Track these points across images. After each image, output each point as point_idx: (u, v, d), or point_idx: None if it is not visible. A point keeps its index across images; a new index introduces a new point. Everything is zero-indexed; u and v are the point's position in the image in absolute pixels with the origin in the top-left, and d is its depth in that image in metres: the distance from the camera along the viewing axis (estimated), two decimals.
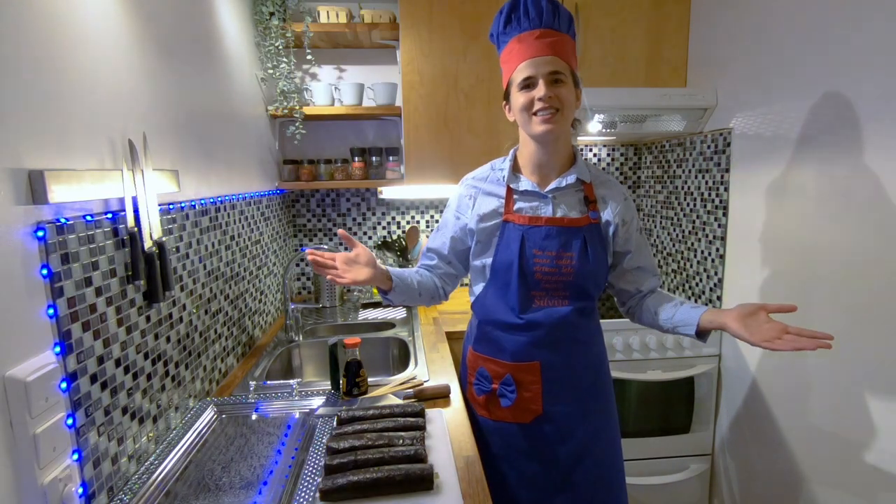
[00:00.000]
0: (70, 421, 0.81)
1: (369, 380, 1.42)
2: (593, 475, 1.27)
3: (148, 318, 1.07)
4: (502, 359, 1.26)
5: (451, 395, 1.35)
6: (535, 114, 1.14)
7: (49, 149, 0.80)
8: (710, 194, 1.99)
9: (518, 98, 1.15)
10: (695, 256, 2.11)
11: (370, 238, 2.51)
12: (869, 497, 1.38)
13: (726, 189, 1.89)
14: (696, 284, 2.10)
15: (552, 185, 1.22)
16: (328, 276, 1.15)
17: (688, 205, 2.14)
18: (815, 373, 1.53)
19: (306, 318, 2.10)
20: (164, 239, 1.07)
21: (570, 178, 1.22)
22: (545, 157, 1.22)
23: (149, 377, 1.06)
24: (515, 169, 1.27)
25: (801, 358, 1.57)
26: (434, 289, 1.33)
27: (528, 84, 1.14)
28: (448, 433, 1.15)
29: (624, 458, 1.43)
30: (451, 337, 1.86)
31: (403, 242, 2.33)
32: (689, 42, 2.10)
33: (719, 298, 1.95)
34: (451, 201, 1.33)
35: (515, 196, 1.24)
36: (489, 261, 1.25)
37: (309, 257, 1.15)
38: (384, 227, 2.51)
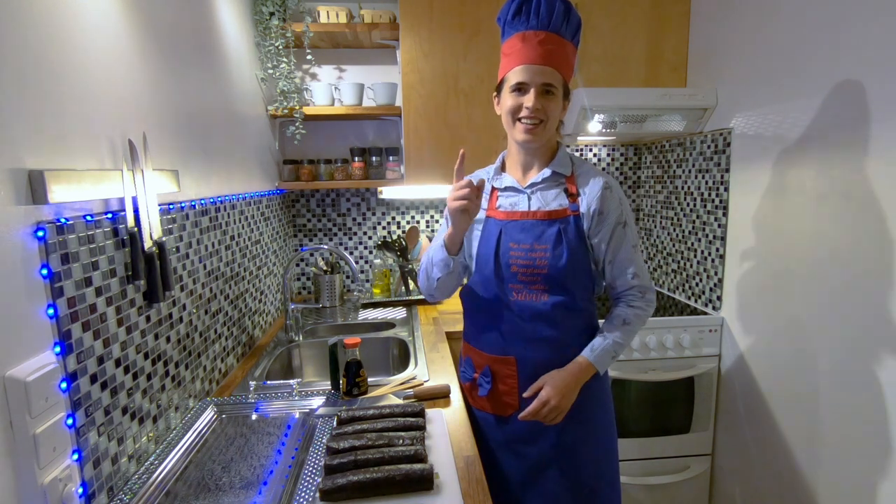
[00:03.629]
0: (70, 421, 0.81)
1: (369, 380, 1.42)
2: (570, 478, 1.25)
3: (148, 318, 1.07)
4: (482, 350, 1.29)
5: (451, 395, 1.35)
6: (519, 120, 1.17)
7: (49, 149, 0.80)
8: (710, 194, 1.99)
9: (507, 100, 1.18)
10: (695, 256, 2.11)
11: (370, 238, 2.51)
12: (868, 496, 1.38)
13: (726, 189, 1.89)
14: (696, 284, 2.10)
15: (530, 181, 1.25)
16: (463, 206, 1.11)
17: (688, 205, 2.14)
18: (814, 373, 1.53)
19: (306, 318, 2.10)
20: (164, 239, 1.07)
21: (546, 173, 1.24)
22: (527, 157, 1.26)
23: (149, 377, 1.06)
24: (503, 169, 1.32)
25: (801, 358, 1.57)
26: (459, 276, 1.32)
27: (519, 88, 1.16)
28: (448, 433, 1.15)
29: (624, 458, 1.43)
30: (451, 337, 1.86)
31: (403, 242, 2.33)
32: (689, 42, 2.10)
33: (719, 298, 1.95)
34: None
35: (498, 193, 1.29)
36: (473, 253, 1.29)
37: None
38: (384, 227, 2.51)
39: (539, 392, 1.19)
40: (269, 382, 1.48)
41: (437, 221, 2.53)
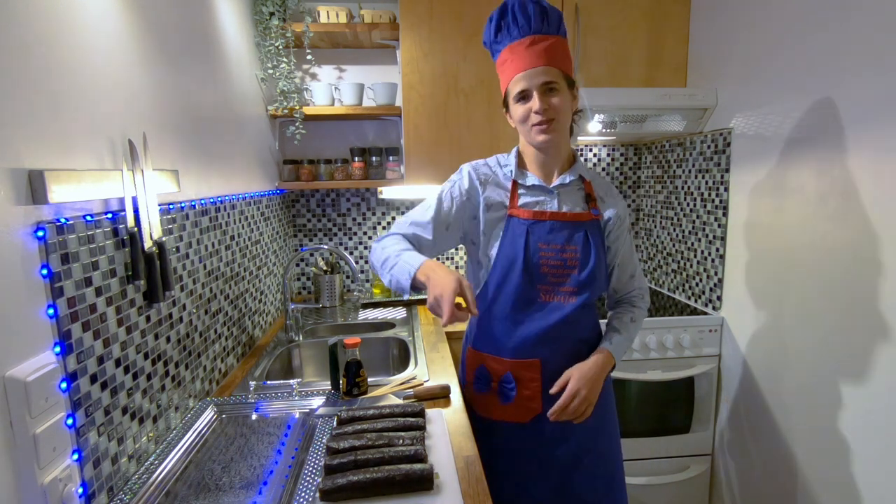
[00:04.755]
0: (70, 421, 0.81)
1: (369, 380, 1.42)
2: (593, 475, 1.27)
3: (148, 318, 1.07)
4: (502, 356, 1.26)
5: (451, 395, 1.35)
6: (533, 125, 1.16)
7: (49, 149, 0.80)
8: (710, 194, 1.99)
9: (516, 110, 1.18)
10: (695, 256, 2.11)
11: (370, 238, 2.51)
12: (869, 496, 1.38)
13: (726, 189, 1.89)
14: (696, 284, 2.10)
15: (557, 182, 1.24)
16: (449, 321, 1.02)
17: (688, 205, 2.14)
18: (814, 372, 1.53)
19: (306, 318, 2.10)
20: (164, 239, 1.07)
21: (573, 175, 1.25)
22: (547, 158, 1.25)
23: (149, 377, 1.06)
24: (521, 165, 1.29)
25: (801, 358, 1.57)
26: None
27: (523, 96, 1.16)
28: (448, 433, 1.15)
29: (624, 458, 1.43)
30: (451, 337, 1.86)
31: None
32: (689, 42, 2.10)
33: (719, 298, 1.95)
34: (458, 180, 1.27)
35: (521, 191, 1.26)
36: (493, 254, 1.24)
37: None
38: (384, 228, 2.51)
39: (565, 387, 1.17)
40: (269, 382, 1.48)
41: None
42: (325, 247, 1.89)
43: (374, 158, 2.32)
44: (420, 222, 1.25)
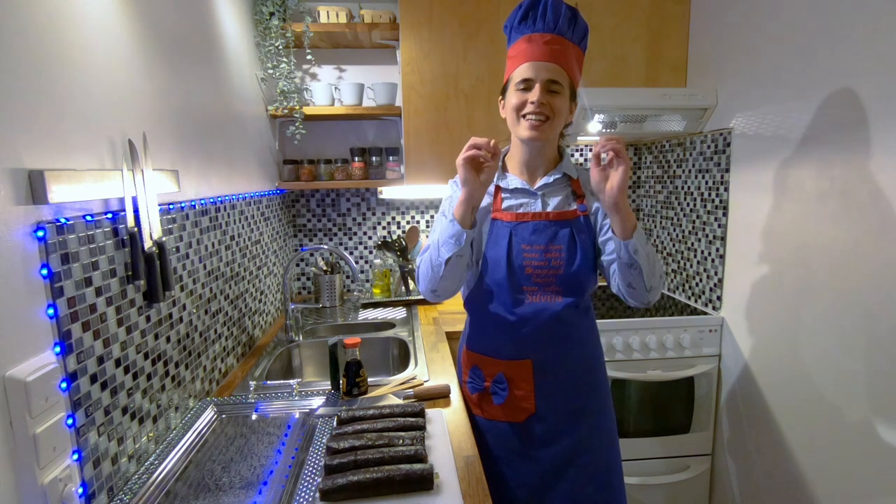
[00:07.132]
0: (70, 421, 0.81)
1: (369, 380, 1.42)
2: (589, 475, 1.27)
3: (148, 318, 1.07)
4: (494, 357, 1.26)
5: (451, 395, 1.35)
6: (524, 116, 1.16)
7: (49, 149, 0.80)
8: (710, 194, 1.99)
9: (512, 97, 1.17)
10: (695, 256, 2.11)
11: (370, 238, 2.52)
12: (868, 496, 1.38)
13: (726, 189, 1.89)
14: (696, 284, 2.10)
15: (541, 182, 1.24)
16: (472, 156, 1.10)
17: (688, 205, 2.14)
18: (814, 372, 1.53)
19: (306, 318, 2.10)
20: (164, 239, 1.07)
21: (558, 174, 1.24)
22: (532, 158, 1.25)
23: (149, 377, 1.06)
24: (504, 169, 1.29)
25: (801, 357, 1.57)
26: (467, 265, 1.23)
27: (525, 86, 1.15)
28: (448, 433, 1.15)
29: (624, 458, 1.44)
30: (451, 337, 1.86)
31: (403, 242, 2.33)
32: (689, 42, 2.10)
33: (719, 298, 1.95)
34: (450, 194, 1.29)
35: (504, 194, 1.26)
36: (479, 258, 1.26)
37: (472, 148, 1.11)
38: (384, 227, 2.51)
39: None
40: (269, 382, 1.48)
41: None
42: (325, 247, 1.89)
43: (374, 158, 2.32)
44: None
